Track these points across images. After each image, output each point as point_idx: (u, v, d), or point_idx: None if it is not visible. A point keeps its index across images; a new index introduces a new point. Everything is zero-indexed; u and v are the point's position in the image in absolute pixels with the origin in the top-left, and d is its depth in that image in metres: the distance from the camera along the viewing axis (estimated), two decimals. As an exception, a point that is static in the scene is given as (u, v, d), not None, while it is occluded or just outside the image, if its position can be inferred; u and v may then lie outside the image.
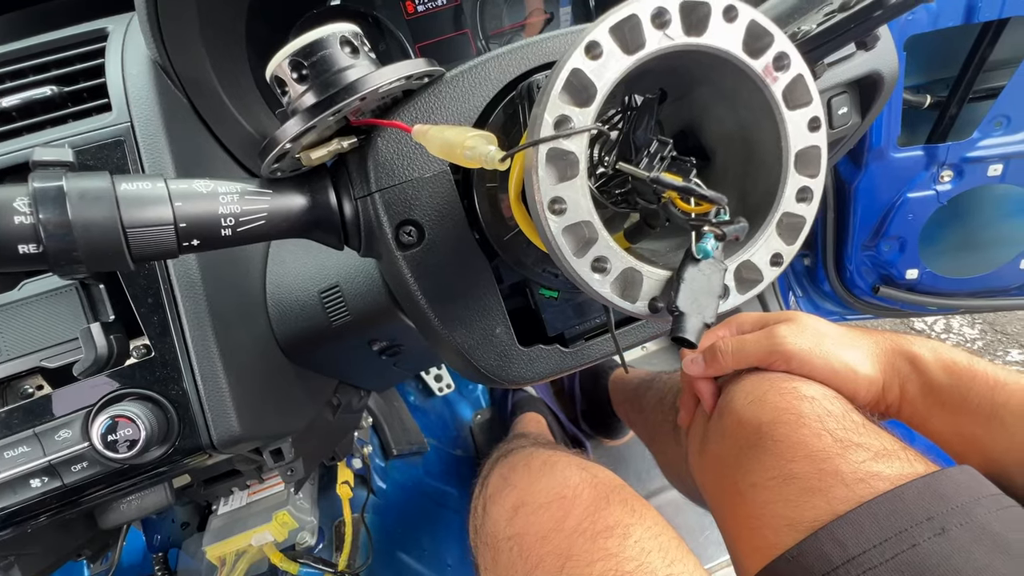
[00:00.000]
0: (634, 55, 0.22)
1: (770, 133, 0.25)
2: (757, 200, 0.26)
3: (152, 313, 0.45)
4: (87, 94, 0.47)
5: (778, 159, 0.25)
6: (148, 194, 0.26)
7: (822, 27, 0.29)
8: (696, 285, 0.23)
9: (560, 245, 0.23)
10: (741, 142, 0.27)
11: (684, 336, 0.22)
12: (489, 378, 0.35)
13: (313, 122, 0.26)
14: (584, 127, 0.22)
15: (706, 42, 0.23)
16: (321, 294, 0.54)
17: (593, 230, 0.23)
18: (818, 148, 0.25)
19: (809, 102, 0.25)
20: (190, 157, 0.49)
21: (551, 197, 0.22)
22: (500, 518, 0.44)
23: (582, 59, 0.22)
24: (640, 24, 0.22)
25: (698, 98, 0.28)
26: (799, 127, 0.25)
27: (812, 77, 0.26)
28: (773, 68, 0.24)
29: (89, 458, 0.45)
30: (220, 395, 0.46)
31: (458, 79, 0.32)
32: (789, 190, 0.25)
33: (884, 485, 0.38)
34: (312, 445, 0.64)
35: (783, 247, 0.26)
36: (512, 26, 0.71)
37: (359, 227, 0.33)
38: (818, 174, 0.25)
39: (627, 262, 0.24)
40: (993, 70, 0.93)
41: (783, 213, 0.25)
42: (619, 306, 0.24)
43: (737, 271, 0.25)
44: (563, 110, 0.22)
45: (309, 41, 0.27)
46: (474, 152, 0.22)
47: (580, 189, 0.22)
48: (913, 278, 1.10)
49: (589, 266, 0.23)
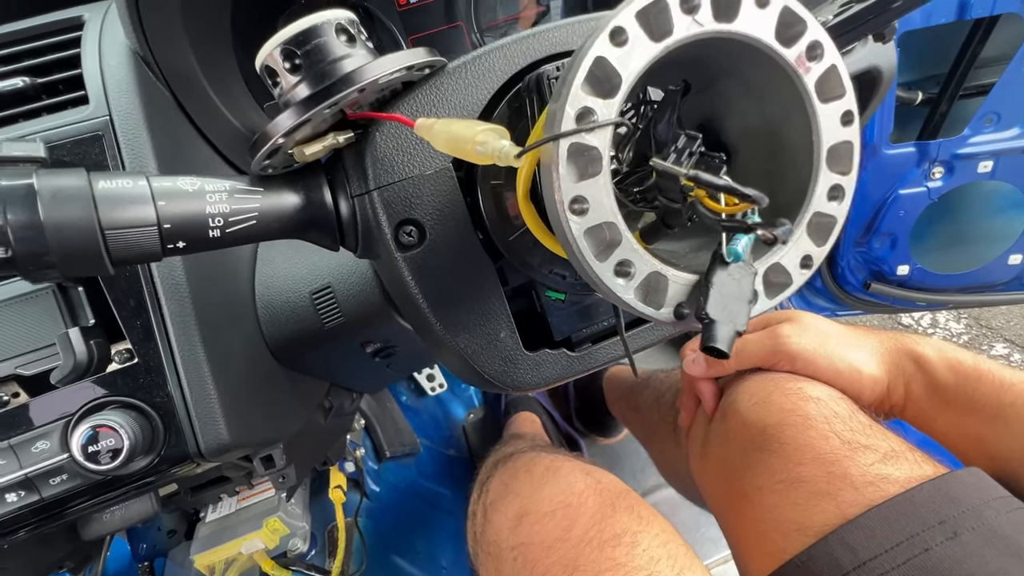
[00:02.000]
0: (662, 42, 0.21)
1: (800, 128, 0.24)
2: (785, 199, 0.25)
3: (135, 317, 0.43)
4: (63, 86, 0.45)
5: (809, 155, 0.23)
6: (129, 193, 0.24)
7: (839, 18, 0.28)
8: (726, 290, 0.21)
9: (582, 248, 0.21)
10: (766, 138, 0.26)
11: (716, 346, 0.21)
12: (494, 384, 0.34)
13: (308, 115, 0.25)
14: (609, 120, 0.20)
15: (738, 29, 0.22)
16: (313, 295, 0.52)
17: (616, 232, 0.22)
18: (851, 144, 0.24)
19: (843, 95, 0.24)
20: (173, 153, 0.46)
21: (572, 196, 0.21)
22: (503, 527, 0.43)
23: (607, 46, 0.20)
24: (668, 8, 0.21)
25: (722, 91, 0.27)
26: (832, 121, 0.24)
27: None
28: (806, 58, 0.23)
29: (69, 470, 0.42)
30: (208, 401, 0.44)
31: (461, 70, 0.30)
32: (820, 188, 0.24)
33: (894, 488, 0.38)
34: (304, 450, 0.62)
35: (813, 248, 0.25)
36: (507, 19, 0.69)
37: (356, 227, 0.31)
38: (850, 171, 0.24)
39: (653, 266, 0.22)
40: (984, 67, 0.93)
41: (814, 213, 0.24)
42: (645, 313, 0.23)
43: (765, 274, 0.24)
44: (586, 102, 0.21)
45: (303, 28, 0.25)
46: (486, 147, 0.21)
47: (604, 187, 0.21)
48: (904, 274, 1.11)
49: (612, 270, 0.22)
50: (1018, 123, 0.93)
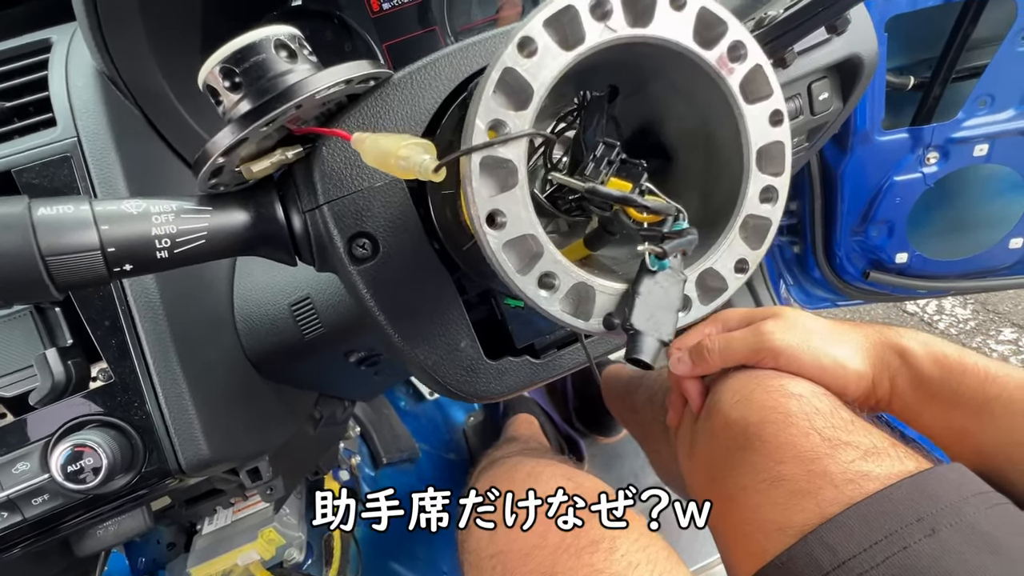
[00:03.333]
0: (573, 51, 0.21)
1: (729, 129, 0.23)
2: (721, 201, 0.24)
3: (109, 336, 0.43)
4: (32, 108, 0.45)
5: (739, 157, 0.23)
6: (69, 218, 0.24)
7: (789, 11, 0.27)
8: (652, 299, 0.21)
9: (502, 262, 0.21)
10: (702, 140, 0.25)
11: (639, 357, 0.20)
12: (456, 394, 0.34)
13: (245, 133, 0.24)
14: (520, 132, 0.20)
15: (653, 33, 0.21)
16: (292, 307, 0.52)
17: (538, 244, 0.21)
18: (782, 144, 0.23)
19: (769, 94, 0.23)
20: (144, 171, 0.46)
21: (488, 210, 0.20)
22: (482, 536, 0.43)
23: (515, 57, 0.20)
24: (579, 16, 0.20)
25: (654, 93, 0.26)
26: (760, 122, 0.23)
27: (781, 66, 0.24)
28: (728, 59, 0.22)
29: (50, 490, 0.43)
30: (186, 418, 0.44)
31: (406, 80, 0.30)
32: (752, 190, 0.23)
33: (873, 485, 0.37)
34: (293, 461, 0.63)
35: (748, 252, 0.24)
36: (484, 20, 0.69)
37: (310, 242, 0.31)
38: (783, 172, 0.23)
39: (577, 277, 0.22)
40: (976, 48, 0.92)
41: (747, 215, 0.24)
42: (571, 324, 0.22)
43: (700, 279, 0.24)
44: (497, 114, 0.20)
45: (240, 46, 0.25)
46: (408, 162, 0.20)
47: (521, 200, 0.21)
48: (903, 262, 1.09)
49: (536, 283, 0.21)
50: (1013, 104, 0.91)
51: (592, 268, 0.23)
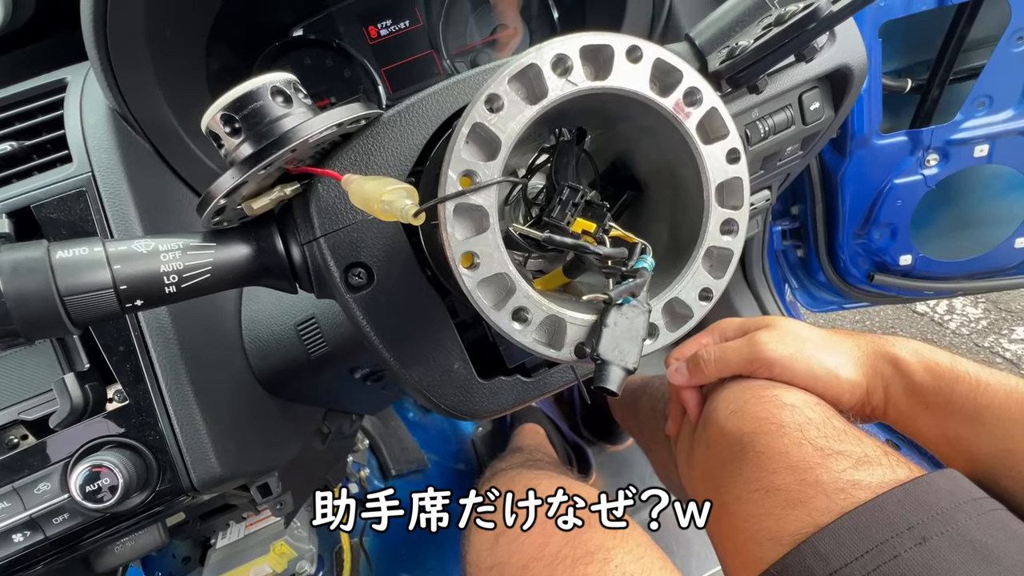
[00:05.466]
0: (538, 104, 0.22)
1: (691, 167, 0.24)
2: (687, 232, 0.25)
3: (124, 361, 0.45)
4: (50, 146, 0.48)
5: (701, 192, 0.24)
6: (84, 260, 0.26)
7: (759, 42, 0.28)
8: (618, 330, 0.22)
9: (477, 299, 0.22)
10: (668, 175, 0.26)
11: (605, 386, 0.22)
12: (451, 413, 0.35)
13: (245, 177, 0.26)
14: (488, 181, 0.21)
15: (612, 84, 0.23)
16: (297, 327, 0.54)
17: (511, 280, 0.23)
18: (739, 179, 0.25)
19: (726, 135, 0.24)
20: (156, 203, 0.49)
21: (462, 252, 0.22)
22: (482, 547, 0.44)
23: (483, 112, 0.22)
24: (541, 72, 0.22)
25: (622, 132, 0.28)
26: (718, 160, 0.24)
27: (754, 92, 0.25)
28: (684, 104, 0.23)
29: (69, 509, 0.45)
30: (198, 437, 0.46)
31: (395, 120, 0.31)
32: (712, 224, 0.24)
33: (865, 494, 0.37)
34: (302, 475, 0.64)
35: (711, 281, 0.25)
36: (482, 41, 0.71)
37: (308, 272, 0.32)
38: (741, 205, 0.25)
39: (548, 310, 0.23)
40: (972, 50, 0.92)
41: (710, 246, 0.25)
42: (544, 355, 0.24)
43: (668, 307, 0.25)
44: (468, 165, 0.22)
45: (239, 95, 0.27)
46: (391, 207, 0.22)
47: (493, 242, 0.22)
48: (907, 264, 1.09)
49: (509, 316, 0.23)
50: (1011, 104, 0.91)
51: (572, 295, 0.24)
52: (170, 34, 0.47)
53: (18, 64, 0.57)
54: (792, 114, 0.59)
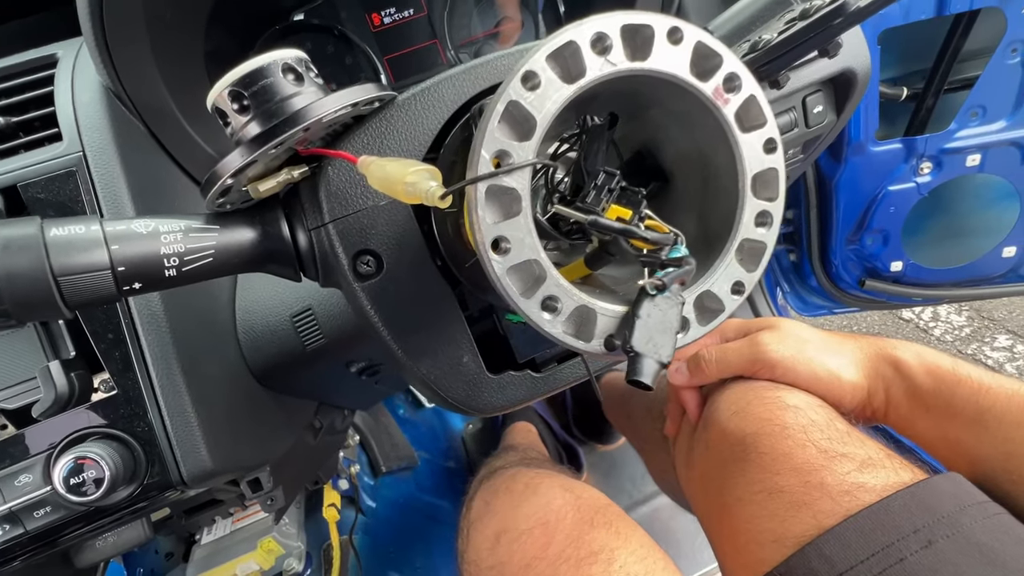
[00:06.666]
0: (575, 83, 0.21)
1: (725, 156, 0.24)
2: (717, 223, 0.25)
3: (113, 349, 0.44)
4: (38, 123, 0.46)
5: (735, 183, 0.24)
6: (80, 238, 0.24)
7: (783, 36, 0.28)
8: (652, 322, 0.22)
9: (506, 286, 0.21)
10: (699, 164, 0.26)
11: (639, 379, 0.21)
12: (459, 407, 0.34)
13: (254, 156, 0.25)
14: (524, 162, 0.21)
15: (651, 66, 0.22)
16: (293, 318, 0.53)
17: (541, 268, 0.22)
18: (775, 171, 0.24)
19: (764, 123, 0.24)
20: (149, 186, 0.47)
21: (493, 237, 0.21)
22: (482, 546, 0.43)
23: (519, 90, 0.21)
24: (580, 51, 0.21)
25: (653, 119, 0.27)
26: (754, 149, 0.24)
27: (775, 87, 0.24)
28: (724, 90, 0.23)
29: (52, 503, 0.43)
30: (189, 430, 0.45)
31: (410, 103, 0.30)
32: (747, 215, 0.24)
33: (870, 497, 0.37)
34: (293, 471, 0.63)
35: (744, 275, 0.25)
36: (485, 33, 0.70)
37: (315, 258, 0.31)
38: (777, 197, 0.24)
39: (579, 300, 0.22)
40: (968, 60, 0.93)
41: (743, 239, 0.24)
42: (573, 346, 0.23)
43: (698, 301, 0.24)
44: (501, 144, 0.21)
45: (249, 70, 0.26)
46: (415, 188, 0.21)
47: (524, 227, 0.21)
48: (898, 270, 1.10)
49: (539, 305, 0.22)
50: (1004, 115, 0.92)
51: (592, 287, 0.24)
52: (169, 13, 0.45)
53: (15, 36, 0.55)
54: (796, 116, 0.59)
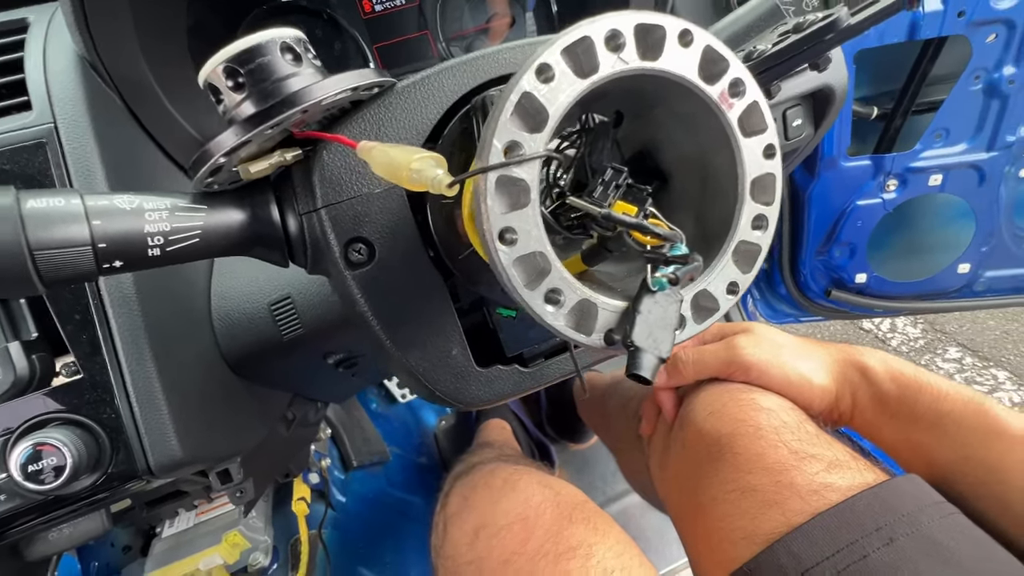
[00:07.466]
0: (588, 79, 0.22)
1: (726, 159, 0.25)
2: (714, 226, 0.25)
3: (80, 331, 0.42)
4: (5, 90, 0.43)
5: (734, 186, 0.24)
6: (60, 211, 0.23)
7: (777, 47, 0.29)
8: (652, 318, 0.22)
9: (511, 277, 0.22)
10: (698, 165, 0.27)
11: (640, 373, 0.21)
12: (445, 400, 0.34)
13: (249, 136, 0.24)
14: (535, 154, 0.21)
15: (661, 67, 0.23)
16: (271, 306, 0.51)
17: (546, 260, 0.22)
18: (773, 176, 0.25)
19: (764, 129, 0.25)
20: (124, 162, 0.45)
21: (501, 227, 0.21)
22: (461, 541, 0.43)
23: (533, 82, 0.21)
24: (594, 46, 0.21)
25: (656, 119, 0.28)
26: (754, 154, 0.25)
27: (767, 97, 0.25)
28: (729, 94, 0.23)
29: (7, 490, 0.41)
30: (158, 417, 0.43)
31: (410, 90, 0.30)
32: (745, 218, 0.25)
33: (836, 496, 0.39)
34: (264, 463, 0.61)
35: (739, 275, 0.25)
36: (475, 28, 0.69)
37: (305, 244, 0.31)
38: (773, 202, 0.25)
39: (582, 294, 0.23)
40: (934, 84, 0.98)
41: (739, 241, 0.25)
42: (574, 339, 0.23)
43: (694, 300, 0.25)
44: (513, 135, 0.21)
45: (246, 47, 0.25)
46: (420, 175, 0.21)
47: (532, 218, 0.21)
48: (862, 282, 1.15)
49: (542, 298, 0.22)
50: (965, 139, 0.97)
51: (589, 283, 0.24)
52: (152, -17, 0.44)
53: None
54: (776, 128, 0.61)
